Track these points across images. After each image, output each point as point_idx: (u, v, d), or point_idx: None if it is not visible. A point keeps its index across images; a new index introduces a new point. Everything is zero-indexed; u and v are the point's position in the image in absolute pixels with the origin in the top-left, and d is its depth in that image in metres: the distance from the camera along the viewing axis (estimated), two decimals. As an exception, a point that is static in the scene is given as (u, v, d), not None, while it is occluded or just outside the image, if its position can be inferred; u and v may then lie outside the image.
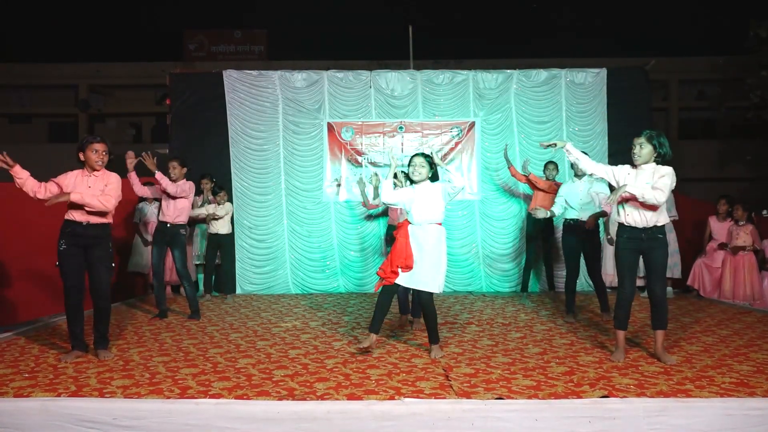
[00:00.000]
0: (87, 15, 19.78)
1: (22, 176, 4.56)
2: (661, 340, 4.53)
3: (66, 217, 4.69)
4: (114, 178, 4.79)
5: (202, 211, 7.80)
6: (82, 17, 19.78)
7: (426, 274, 4.62)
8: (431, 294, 4.68)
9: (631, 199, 4.45)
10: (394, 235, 4.94)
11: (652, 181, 4.40)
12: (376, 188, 6.09)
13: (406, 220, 4.82)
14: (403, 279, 4.67)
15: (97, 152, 4.69)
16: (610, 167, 4.66)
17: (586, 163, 4.71)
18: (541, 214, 5.76)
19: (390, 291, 4.76)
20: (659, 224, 4.45)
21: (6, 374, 4.17)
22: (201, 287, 8.32)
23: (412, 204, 4.74)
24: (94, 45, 19.91)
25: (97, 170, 4.73)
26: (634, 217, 4.47)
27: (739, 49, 14.31)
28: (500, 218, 8.71)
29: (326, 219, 8.72)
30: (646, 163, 4.46)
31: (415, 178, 4.77)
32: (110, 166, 4.84)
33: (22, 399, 3.61)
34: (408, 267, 4.63)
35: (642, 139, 4.45)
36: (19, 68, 18.88)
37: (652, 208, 4.41)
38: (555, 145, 4.86)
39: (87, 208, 4.62)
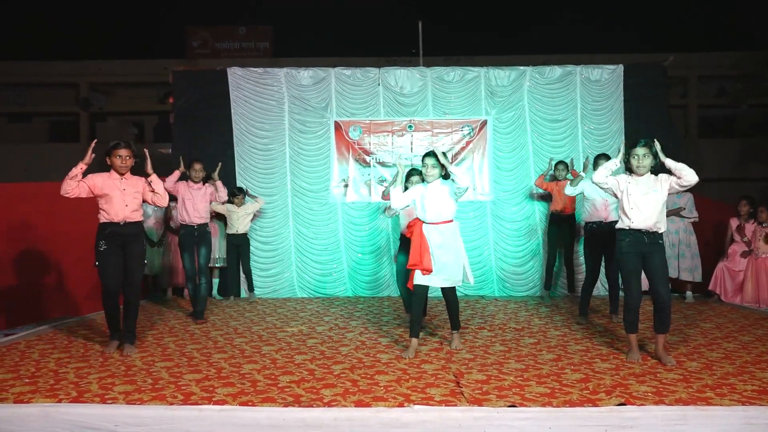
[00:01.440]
0: (88, 11, 19.92)
1: (80, 176, 4.94)
2: (663, 343, 4.70)
3: (102, 219, 5.06)
4: (141, 182, 5.22)
5: (219, 208, 7.95)
6: (83, 14, 19.93)
7: (449, 271, 4.96)
8: (454, 288, 5.09)
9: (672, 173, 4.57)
10: (405, 234, 5.15)
11: (658, 189, 4.60)
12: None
13: (418, 219, 5.07)
14: (427, 278, 4.98)
15: (121, 158, 5.06)
16: (615, 179, 4.78)
17: (598, 174, 4.82)
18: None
19: (423, 295, 5.10)
20: (660, 231, 4.64)
21: (6, 379, 4.20)
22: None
23: (424, 202, 5.01)
24: (95, 42, 20.06)
25: (124, 174, 5.09)
26: (639, 224, 4.60)
27: (760, 44, 14.22)
28: (513, 220, 8.69)
29: (333, 220, 8.72)
30: (646, 173, 4.66)
31: (429, 180, 5.03)
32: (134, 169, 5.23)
33: (23, 405, 3.64)
34: (427, 270, 4.93)
35: (645, 150, 4.62)
36: (18, 66, 19.03)
37: (655, 211, 4.57)
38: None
39: (120, 207, 5.02)
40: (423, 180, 5.18)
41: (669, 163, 4.56)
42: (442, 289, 5.10)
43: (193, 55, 19.28)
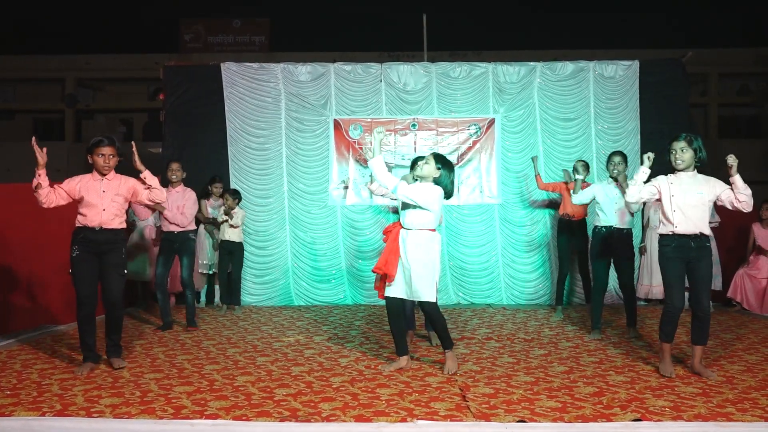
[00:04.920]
0: (75, 3, 19.98)
1: (44, 183, 4.74)
2: (700, 355, 4.65)
3: (77, 223, 4.90)
4: (129, 183, 5.01)
5: (218, 217, 7.91)
6: (70, 5, 19.99)
7: (422, 283, 4.73)
8: (432, 302, 4.79)
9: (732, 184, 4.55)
10: (384, 234, 5.02)
11: (704, 192, 4.58)
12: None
13: (398, 222, 4.91)
14: (402, 290, 4.82)
15: (104, 156, 4.87)
16: (652, 185, 4.76)
17: (630, 195, 4.78)
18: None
19: (396, 309, 4.92)
20: (705, 233, 4.62)
21: (-14, 391, 4.21)
22: (204, 298, 8.49)
23: (405, 204, 4.82)
24: (82, 35, 20.11)
25: (107, 174, 4.92)
26: (684, 227, 4.59)
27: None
28: (522, 224, 8.69)
29: (332, 224, 8.73)
30: (687, 168, 4.61)
31: (416, 172, 4.83)
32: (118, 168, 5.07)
33: (3, 418, 3.64)
34: (389, 277, 4.79)
35: (683, 143, 4.59)
36: (1, 61, 19.10)
37: (700, 213, 4.56)
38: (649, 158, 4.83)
39: (97, 211, 4.83)
40: (414, 179, 4.95)
41: (738, 180, 4.49)
42: (420, 304, 4.90)
43: (186, 50, 19.36)
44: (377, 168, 4.72)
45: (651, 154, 4.78)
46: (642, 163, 4.79)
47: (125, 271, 5.00)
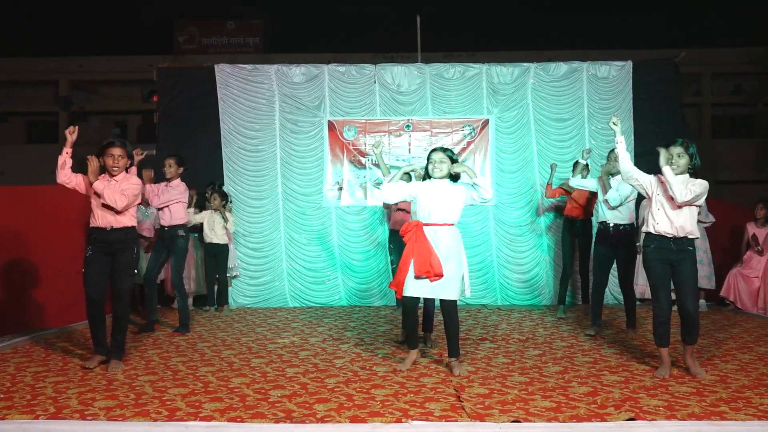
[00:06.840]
0: (68, 5, 19.91)
1: (67, 163, 4.90)
2: (691, 351, 4.69)
3: (90, 224, 5.01)
4: (135, 180, 5.10)
5: (197, 218, 7.97)
6: (63, 7, 19.91)
7: (451, 280, 4.77)
8: (454, 301, 4.82)
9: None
10: (401, 235, 4.99)
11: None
12: (407, 174, 5.55)
13: (417, 220, 4.93)
14: (424, 289, 4.82)
15: (113, 157, 4.98)
16: (647, 176, 4.80)
17: (628, 164, 4.82)
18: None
19: (413, 306, 4.95)
20: (690, 236, 4.63)
21: (-20, 394, 4.19)
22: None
23: (428, 201, 4.86)
24: (76, 37, 20.03)
25: (115, 175, 5.00)
26: (665, 227, 4.63)
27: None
28: (517, 224, 8.70)
29: (327, 225, 8.73)
30: (681, 173, 4.62)
31: (435, 175, 4.87)
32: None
33: (-3, 421, 3.64)
34: (437, 275, 4.72)
35: (680, 149, 4.61)
36: (-6, 63, 19.04)
37: (683, 214, 4.58)
38: (616, 123, 4.89)
39: (106, 211, 4.91)
40: (426, 177, 5.00)
41: (666, 173, 4.53)
42: (441, 302, 4.87)
43: (180, 51, 19.32)
44: (388, 192, 5.00)
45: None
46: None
47: (135, 271, 5.11)
